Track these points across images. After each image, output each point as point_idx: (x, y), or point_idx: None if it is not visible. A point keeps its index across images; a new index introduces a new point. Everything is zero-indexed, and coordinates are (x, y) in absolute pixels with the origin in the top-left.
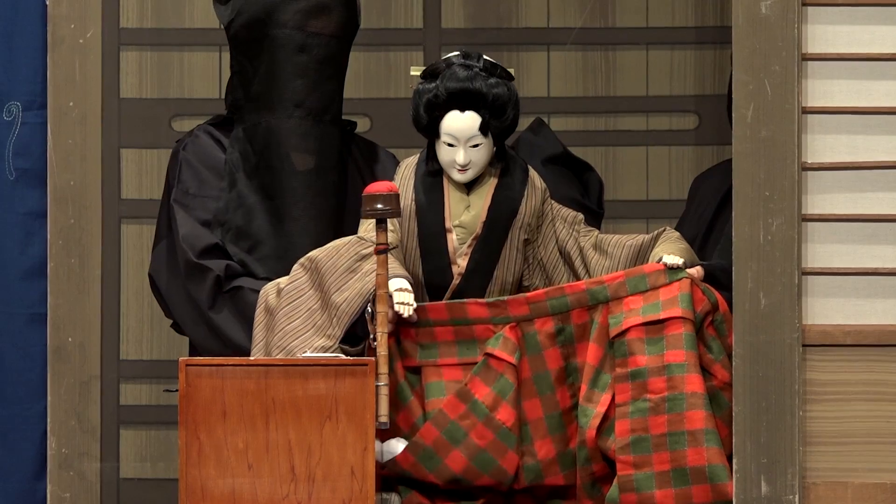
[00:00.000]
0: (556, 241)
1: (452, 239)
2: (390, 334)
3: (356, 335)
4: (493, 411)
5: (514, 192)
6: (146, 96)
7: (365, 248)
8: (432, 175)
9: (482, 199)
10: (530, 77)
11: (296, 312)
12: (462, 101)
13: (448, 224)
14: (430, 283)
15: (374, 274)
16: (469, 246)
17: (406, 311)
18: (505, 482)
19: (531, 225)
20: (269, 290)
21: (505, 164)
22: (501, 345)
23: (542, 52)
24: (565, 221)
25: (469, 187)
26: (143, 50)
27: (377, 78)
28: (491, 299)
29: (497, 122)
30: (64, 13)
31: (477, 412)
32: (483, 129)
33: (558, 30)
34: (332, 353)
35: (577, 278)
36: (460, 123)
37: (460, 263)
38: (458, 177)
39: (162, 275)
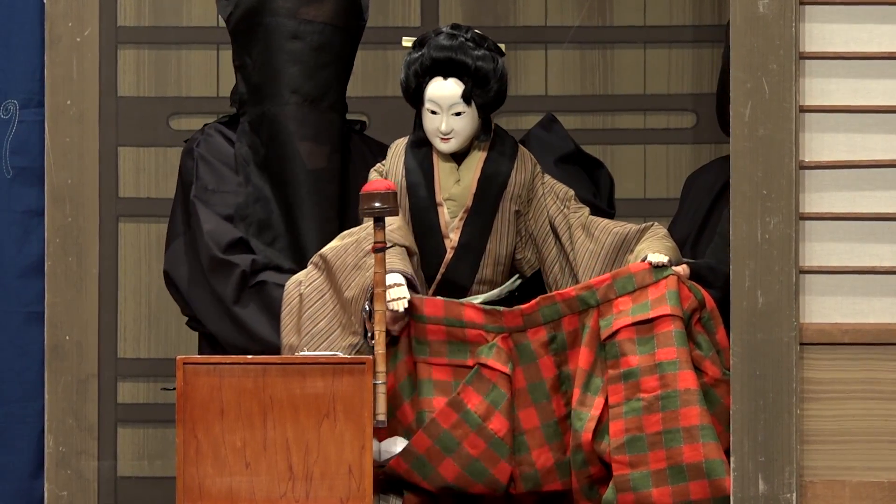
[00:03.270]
0: (547, 215)
1: (444, 213)
2: (402, 329)
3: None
4: (486, 421)
5: (503, 164)
6: (144, 94)
7: (369, 244)
8: (422, 150)
9: (471, 171)
10: (528, 75)
11: (320, 314)
12: (445, 68)
13: (439, 198)
14: (424, 257)
15: (370, 270)
16: (460, 219)
17: (400, 307)
18: (498, 490)
19: (521, 197)
20: (291, 289)
21: (493, 138)
22: (495, 355)
23: (539, 50)
24: (556, 196)
25: (458, 161)
26: (140, 48)
27: (374, 76)
28: (488, 307)
29: (480, 91)
30: (61, 11)
31: (469, 422)
32: (465, 97)
33: (556, 28)
34: (360, 347)
35: (564, 254)
36: (442, 90)
37: (453, 237)
38: (442, 146)
39: (181, 271)
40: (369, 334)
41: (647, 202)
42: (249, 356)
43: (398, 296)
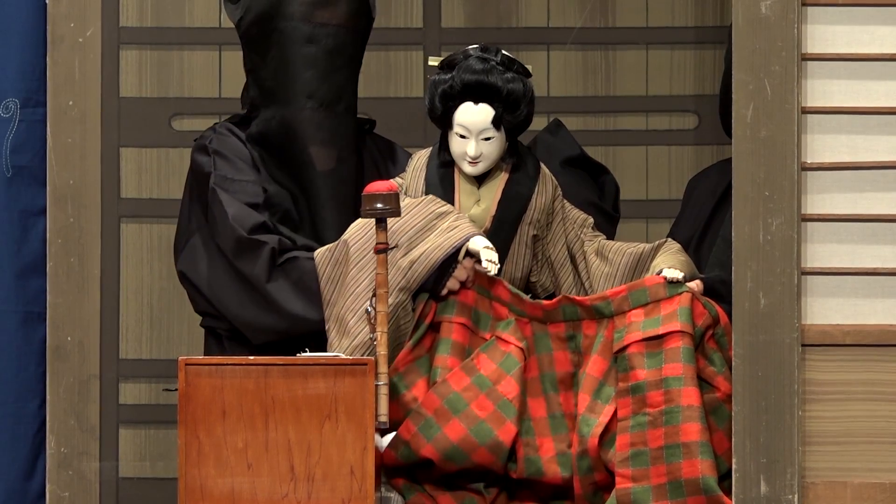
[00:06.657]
0: (565, 241)
1: None
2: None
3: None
4: (496, 384)
5: (525, 187)
6: (146, 95)
7: (441, 207)
8: (444, 167)
9: (492, 193)
10: None
11: (362, 273)
12: (476, 93)
13: None
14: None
15: (456, 230)
16: None
17: (493, 270)
18: (501, 457)
19: (541, 221)
20: (323, 260)
21: (517, 160)
22: (511, 330)
23: (541, 51)
24: (574, 223)
25: (480, 181)
26: (142, 49)
27: (377, 77)
28: (514, 290)
29: (510, 116)
30: (64, 11)
31: (480, 385)
32: (496, 122)
33: (558, 29)
34: (404, 305)
35: (580, 280)
36: (473, 115)
37: None
38: (469, 169)
39: (200, 266)
40: (371, 334)
41: (649, 203)
42: (251, 357)
43: (493, 259)
